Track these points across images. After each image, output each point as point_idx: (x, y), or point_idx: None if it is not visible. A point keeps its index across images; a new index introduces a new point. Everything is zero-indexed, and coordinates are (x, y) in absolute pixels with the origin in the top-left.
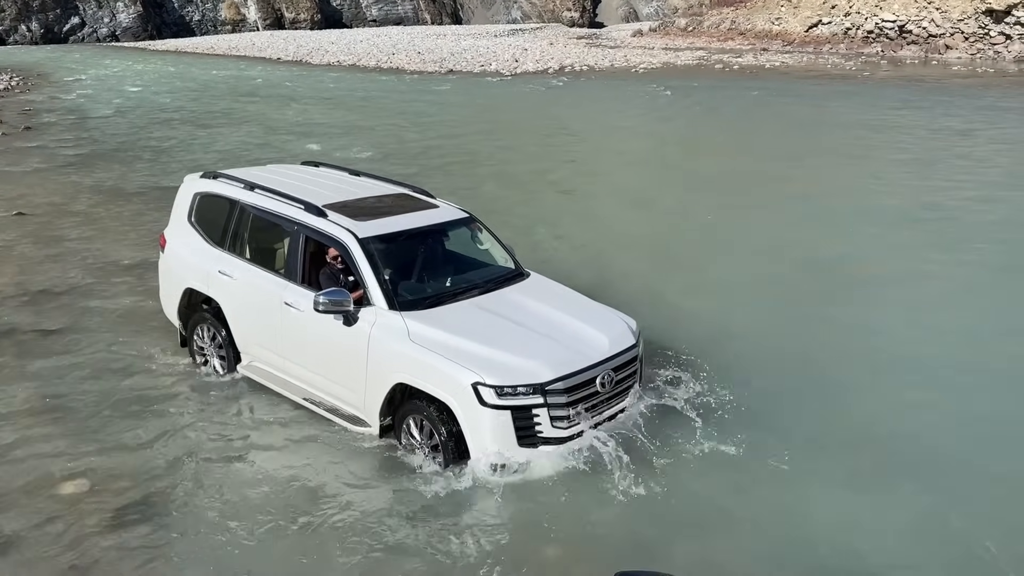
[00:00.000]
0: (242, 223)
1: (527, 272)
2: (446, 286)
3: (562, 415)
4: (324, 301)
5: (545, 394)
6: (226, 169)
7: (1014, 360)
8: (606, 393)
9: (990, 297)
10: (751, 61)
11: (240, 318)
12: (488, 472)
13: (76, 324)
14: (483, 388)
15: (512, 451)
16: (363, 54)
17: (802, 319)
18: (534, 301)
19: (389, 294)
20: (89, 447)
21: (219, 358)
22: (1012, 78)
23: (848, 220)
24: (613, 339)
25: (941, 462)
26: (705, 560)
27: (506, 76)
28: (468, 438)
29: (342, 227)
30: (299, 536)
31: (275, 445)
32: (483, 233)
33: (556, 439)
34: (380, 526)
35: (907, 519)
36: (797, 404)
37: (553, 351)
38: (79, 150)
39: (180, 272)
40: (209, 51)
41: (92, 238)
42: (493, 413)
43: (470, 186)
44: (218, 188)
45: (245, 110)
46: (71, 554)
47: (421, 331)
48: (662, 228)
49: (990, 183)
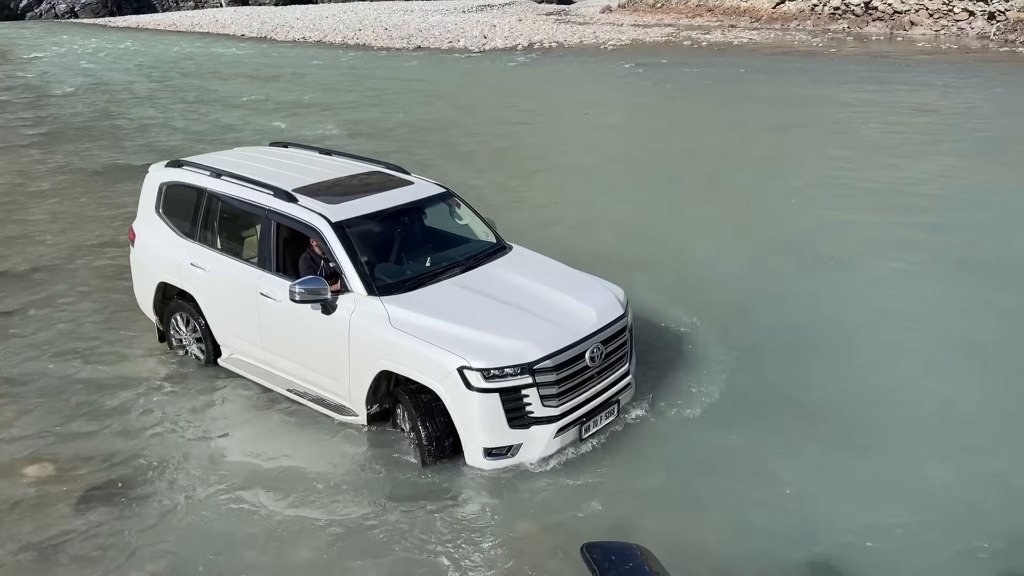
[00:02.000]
0: (211, 213)
1: (509, 245)
2: (426, 266)
3: (552, 393)
4: (300, 291)
5: (534, 373)
6: (191, 156)
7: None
8: (596, 367)
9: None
10: (719, 38)
11: (217, 311)
12: (480, 457)
13: (38, 305)
14: (469, 372)
15: (503, 434)
16: (329, 30)
17: (774, 294)
18: (517, 276)
19: (367, 279)
20: (52, 430)
21: (198, 347)
22: (974, 54)
23: (801, 193)
24: (601, 311)
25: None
26: (676, 534)
27: (475, 53)
28: (457, 424)
29: (314, 212)
30: (269, 521)
31: (248, 427)
32: (461, 208)
33: (548, 418)
34: (359, 514)
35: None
36: (770, 378)
37: (539, 328)
38: (39, 128)
39: (151, 267)
40: (171, 28)
41: (55, 218)
42: (481, 397)
43: (438, 163)
44: (184, 177)
45: (208, 88)
46: (35, 537)
47: (402, 316)
48: (626, 206)
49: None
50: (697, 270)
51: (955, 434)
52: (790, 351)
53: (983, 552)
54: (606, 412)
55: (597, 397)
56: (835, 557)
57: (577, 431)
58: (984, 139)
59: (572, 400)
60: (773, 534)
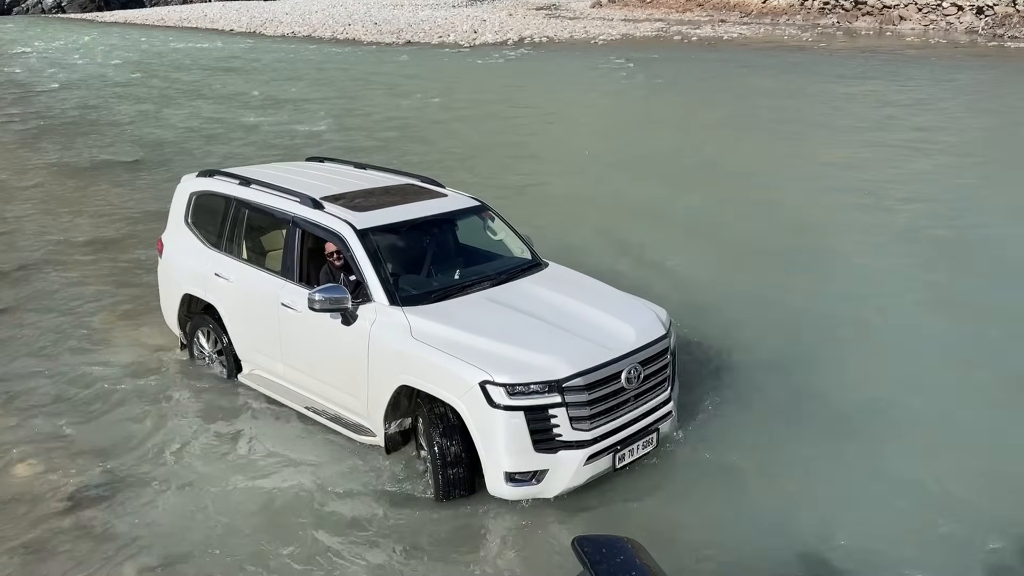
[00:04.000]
0: (237, 222)
1: (545, 262)
2: (454, 279)
3: (583, 415)
4: (320, 299)
5: (563, 392)
6: (227, 167)
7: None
8: (633, 390)
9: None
10: (709, 32)
11: (238, 323)
12: (501, 483)
13: (26, 303)
14: (492, 387)
15: (528, 458)
16: (318, 25)
17: (759, 293)
18: (552, 291)
19: (390, 288)
20: (42, 427)
21: (220, 363)
22: (963, 49)
23: (790, 188)
24: (640, 330)
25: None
26: (669, 529)
27: (465, 47)
28: (478, 445)
29: (339, 219)
30: (262, 517)
31: (246, 423)
32: (496, 222)
33: (578, 443)
34: (352, 518)
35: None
36: (764, 377)
37: (571, 344)
38: (26, 125)
39: (177, 278)
40: (159, 23)
41: (43, 215)
42: (505, 415)
43: (430, 158)
44: (213, 186)
45: (197, 83)
46: (27, 536)
47: (424, 327)
48: (611, 201)
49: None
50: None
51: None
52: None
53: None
54: (643, 441)
55: (634, 424)
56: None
57: (610, 460)
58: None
59: (605, 424)
60: (768, 527)
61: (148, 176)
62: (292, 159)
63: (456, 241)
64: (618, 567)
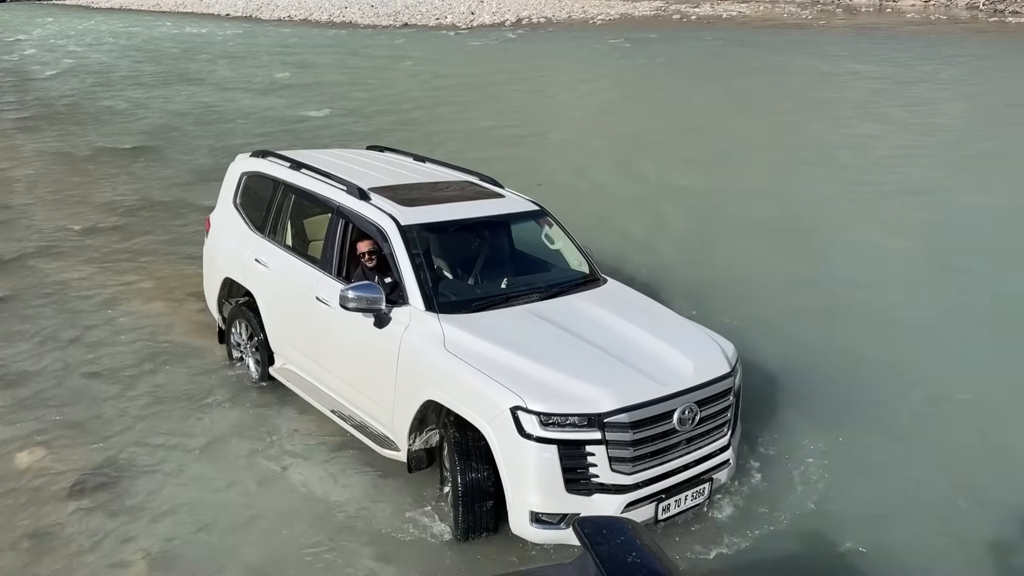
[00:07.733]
0: (283, 207)
1: (603, 278)
2: (500, 288)
3: (626, 456)
4: (353, 297)
5: (604, 428)
6: (280, 150)
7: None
8: (687, 432)
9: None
10: (708, 11)
11: (274, 313)
12: (526, 523)
13: (27, 291)
14: (524, 414)
15: (558, 498)
16: (315, 8)
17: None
18: (606, 312)
19: (428, 292)
20: (45, 416)
21: (254, 359)
22: (963, 25)
23: (791, 165)
24: (701, 365)
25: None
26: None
27: (462, 29)
28: (504, 477)
29: (383, 212)
30: (264, 508)
31: (248, 415)
32: (554, 229)
33: (616, 487)
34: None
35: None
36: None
37: (621, 375)
38: (22, 113)
39: (219, 260)
40: (155, 8)
41: (41, 203)
42: (536, 447)
43: (428, 141)
44: (264, 167)
45: (194, 69)
46: (29, 523)
47: (459, 338)
48: (616, 184)
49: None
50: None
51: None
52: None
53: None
54: (694, 492)
55: (684, 471)
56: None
57: (653, 509)
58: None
59: (650, 469)
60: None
61: (146, 163)
62: (293, 146)
63: (508, 247)
64: (618, 548)
